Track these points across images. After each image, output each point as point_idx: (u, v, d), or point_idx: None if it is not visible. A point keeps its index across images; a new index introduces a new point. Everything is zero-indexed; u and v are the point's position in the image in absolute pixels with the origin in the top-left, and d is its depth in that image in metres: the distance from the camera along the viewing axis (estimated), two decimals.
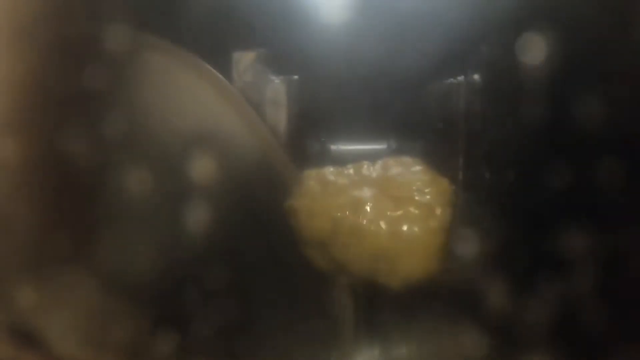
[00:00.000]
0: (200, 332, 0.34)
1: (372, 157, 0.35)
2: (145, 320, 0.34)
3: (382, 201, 0.31)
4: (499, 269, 0.33)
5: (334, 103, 0.37)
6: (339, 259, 0.31)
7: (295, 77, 0.35)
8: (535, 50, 0.32)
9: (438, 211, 0.32)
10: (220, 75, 0.33)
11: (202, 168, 0.32)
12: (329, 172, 0.33)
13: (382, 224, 0.31)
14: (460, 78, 0.34)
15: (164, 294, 0.34)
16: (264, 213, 0.33)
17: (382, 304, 0.35)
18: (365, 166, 0.33)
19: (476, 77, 0.34)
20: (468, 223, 0.34)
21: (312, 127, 0.36)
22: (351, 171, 0.33)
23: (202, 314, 0.33)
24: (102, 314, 0.33)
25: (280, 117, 0.35)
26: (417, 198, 0.32)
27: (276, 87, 0.35)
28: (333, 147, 0.37)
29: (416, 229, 0.31)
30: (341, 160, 0.35)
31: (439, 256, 0.32)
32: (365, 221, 0.31)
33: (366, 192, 0.32)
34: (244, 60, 0.35)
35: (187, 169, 0.32)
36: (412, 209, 0.31)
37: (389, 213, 0.31)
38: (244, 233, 0.33)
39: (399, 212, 0.31)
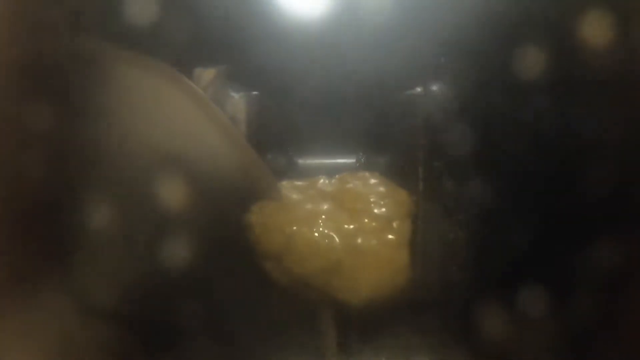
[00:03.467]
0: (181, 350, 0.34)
1: (336, 171, 0.35)
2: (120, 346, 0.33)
3: (337, 214, 0.31)
4: (467, 280, 0.33)
5: (294, 118, 0.37)
6: (296, 274, 0.31)
7: (256, 92, 0.35)
8: (500, 61, 0.32)
9: (396, 224, 0.31)
10: (197, 88, 0.33)
11: (181, 184, 0.32)
12: (283, 186, 0.33)
13: (336, 237, 0.30)
14: (420, 90, 0.34)
15: (139, 316, 0.34)
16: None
17: (352, 319, 0.35)
18: (322, 180, 0.33)
19: (435, 88, 0.34)
20: (431, 235, 0.33)
21: (273, 142, 0.36)
22: (306, 185, 0.33)
23: (180, 331, 0.33)
24: (72, 343, 0.33)
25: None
26: (374, 211, 0.31)
27: (236, 102, 0.35)
28: (295, 161, 0.37)
29: (373, 241, 0.31)
30: (303, 175, 0.35)
31: (400, 270, 0.31)
32: (318, 234, 0.30)
33: (320, 206, 0.31)
34: (205, 76, 0.35)
35: (165, 185, 0.32)
36: (368, 222, 0.31)
37: (344, 226, 0.31)
38: (223, 248, 0.33)
39: (354, 225, 0.31)
